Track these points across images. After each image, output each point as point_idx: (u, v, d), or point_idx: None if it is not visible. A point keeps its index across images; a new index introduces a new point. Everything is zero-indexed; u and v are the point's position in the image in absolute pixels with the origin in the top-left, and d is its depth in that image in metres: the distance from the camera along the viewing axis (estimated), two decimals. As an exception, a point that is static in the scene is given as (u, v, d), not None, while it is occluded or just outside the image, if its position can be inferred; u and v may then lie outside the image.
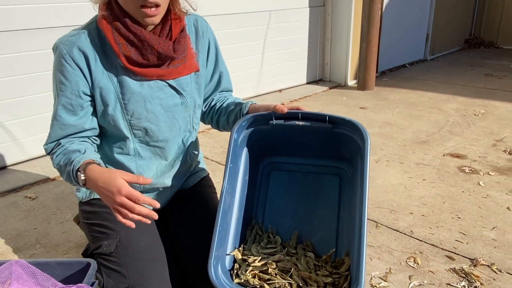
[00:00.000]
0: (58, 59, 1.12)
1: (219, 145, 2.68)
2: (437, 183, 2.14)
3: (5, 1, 2.13)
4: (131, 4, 1.06)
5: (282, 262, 1.22)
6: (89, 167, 1.05)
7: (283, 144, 1.42)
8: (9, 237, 1.73)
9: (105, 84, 1.14)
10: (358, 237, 1.09)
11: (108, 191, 1.00)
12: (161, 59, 1.15)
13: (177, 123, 1.27)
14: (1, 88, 2.22)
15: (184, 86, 1.24)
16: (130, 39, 1.11)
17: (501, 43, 6.37)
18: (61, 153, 1.13)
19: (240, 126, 1.27)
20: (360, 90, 4.02)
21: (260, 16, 3.57)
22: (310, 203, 1.43)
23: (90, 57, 1.12)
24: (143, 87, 1.17)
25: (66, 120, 1.15)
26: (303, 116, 1.28)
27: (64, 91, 1.13)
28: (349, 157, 1.39)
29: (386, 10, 4.44)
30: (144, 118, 1.20)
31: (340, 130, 1.30)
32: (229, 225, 1.28)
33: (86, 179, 1.05)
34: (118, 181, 0.99)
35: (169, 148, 1.28)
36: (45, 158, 2.46)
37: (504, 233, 1.71)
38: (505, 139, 2.70)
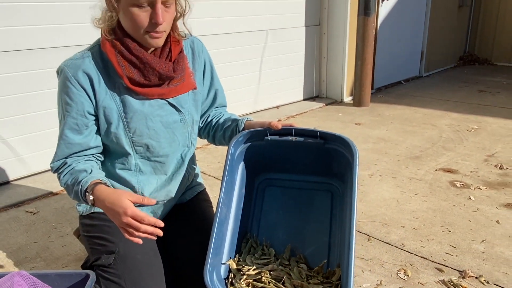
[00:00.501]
0: (63, 82, 1.18)
1: (216, 160, 2.74)
2: (429, 197, 2.19)
3: (10, 22, 2.22)
4: (137, 31, 1.13)
5: (275, 272, 1.27)
6: (97, 188, 1.10)
7: (278, 160, 1.48)
8: (10, 251, 1.77)
9: (108, 104, 1.20)
10: (348, 244, 1.14)
11: (115, 211, 1.06)
12: (162, 79, 1.22)
13: (176, 139, 1.33)
14: (5, 105, 2.29)
15: (182, 104, 1.31)
16: (133, 61, 1.17)
17: (495, 60, 6.48)
18: (68, 173, 1.19)
19: (237, 141, 1.34)
20: (355, 106, 4.10)
21: (258, 35, 3.67)
22: (303, 218, 1.49)
23: (94, 79, 1.18)
24: (145, 106, 1.24)
25: (72, 139, 1.21)
26: (296, 132, 1.35)
27: (70, 111, 1.19)
28: (340, 173, 1.45)
29: (380, 28, 4.55)
30: (145, 135, 1.26)
31: (331, 146, 1.37)
32: (225, 236, 1.33)
33: (95, 199, 1.11)
34: (124, 202, 1.05)
35: (169, 163, 1.34)
36: (47, 173, 2.52)
37: (493, 246, 1.75)
38: (497, 154, 2.76)
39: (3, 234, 1.90)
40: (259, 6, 3.60)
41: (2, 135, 2.32)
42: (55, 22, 2.39)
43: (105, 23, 1.18)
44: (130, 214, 1.04)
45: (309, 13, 4.07)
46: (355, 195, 1.21)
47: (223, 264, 1.30)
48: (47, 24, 2.36)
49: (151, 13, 1.10)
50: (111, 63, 1.18)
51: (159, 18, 1.09)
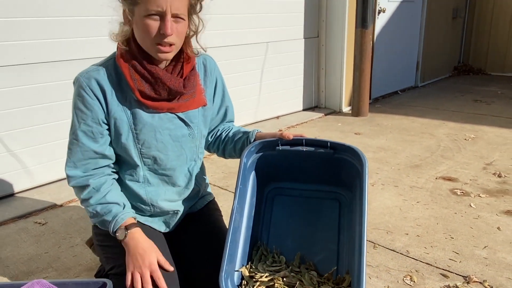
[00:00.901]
0: (79, 90, 1.22)
1: (220, 170, 2.78)
2: (430, 205, 2.24)
3: (18, 37, 2.27)
4: (148, 41, 1.18)
5: (288, 278, 1.31)
6: (133, 230, 1.22)
7: (287, 170, 1.52)
8: (21, 261, 1.79)
9: (120, 115, 1.25)
10: (359, 251, 1.18)
11: (141, 257, 1.18)
12: (172, 94, 1.26)
13: (184, 153, 1.37)
14: (13, 117, 2.33)
15: (192, 119, 1.35)
16: (145, 75, 1.22)
17: (489, 70, 6.60)
18: (99, 202, 1.24)
19: (249, 151, 1.38)
20: (354, 116, 4.16)
21: (258, 47, 3.74)
22: (312, 226, 1.53)
23: (107, 90, 1.22)
24: (154, 119, 1.28)
25: (88, 146, 1.24)
26: (307, 143, 1.40)
27: (85, 119, 1.23)
28: (348, 182, 1.49)
29: (377, 40, 4.64)
30: (154, 147, 1.30)
31: (341, 156, 1.42)
32: (238, 243, 1.37)
33: (128, 239, 1.21)
34: (153, 256, 1.20)
35: (176, 176, 1.38)
36: (53, 185, 2.54)
37: (495, 252, 1.80)
38: (495, 163, 2.83)
39: (13, 245, 1.92)
40: (260, 19, 3.67)
41: (10, 147, 2.35)
42: (63, 36, 2.44)
43: (120, 36, 1.23)
44: (151, 268, 1.17)
45: (307, 26, 4.16)
46: (365, 202, 1.25)
47: (236, 272, 1.33)
48: (54, 39, 2.41)
49: (160, 25, 1.15)
50: (124, 76, 1.23)
51: (167, 29, 1.14)
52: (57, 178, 2.59)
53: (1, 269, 1.74)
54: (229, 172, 2.75)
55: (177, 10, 1.15)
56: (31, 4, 2.28)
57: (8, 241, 1.96)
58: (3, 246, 1.91)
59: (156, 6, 1.12)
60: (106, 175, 1.29)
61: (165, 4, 1.12)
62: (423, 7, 5.36)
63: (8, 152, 2.35)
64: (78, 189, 1.28)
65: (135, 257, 1.19)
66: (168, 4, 1.12)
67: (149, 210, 1.38)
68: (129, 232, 1.21)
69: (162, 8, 1.12)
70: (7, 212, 2.22)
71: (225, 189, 2.50)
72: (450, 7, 6.05)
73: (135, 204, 1.36)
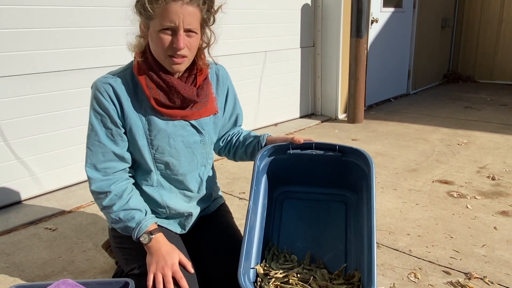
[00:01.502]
0: (95, 93, 1.28)
1: (224, 176, 2.84)
2: (429, 207, 2.33)
3: (29, 47, 2.32)
4: (161, 54, 1.24)
5: (301, 275, 1.38)
6: (157, 236, 1.29)
7: (295, 174, 1.60)
8: (36, 265, 1.83)
9: (135, 122, 1.31)
10: (368, 244, 1.25)
11: (164, 259, 1.25)
12: (185, 102, 1.33)
13: (195, 159, 1.43)
14: (21, 126, 2.37)
15: (204, 126, 1.42)
16: (160, 84, 1.29)
17: (478, 78, 6.78)
18: (122, 209, 1.29)
19: (262, 155, 1.46)
20: (350, 123, 4.26)
21: (257, 56, 3.84)
22: (320, 227, 1.60)
23: (123, 97, 1.28)
24: (168, 126, 1.34)
25: (109, 148, 1.29)
26: (316, 147, 1.48)
27: (105, 122, 1.28)
28: (354, 185, 1.57)
29: (370, 49, 4.77)
30: (167, 152, 1.36)
31: (348, 159, 1.50)
32: (253, 242, 1.44)
33: (152, 243, 1.28)
34: (176, 257, 1.27)
35: (188, 181, 1.44)
36: (60, 191, 2.58)
37: (493, 250, 1.88)
38: (488, 166, 2.93)
39: (26, 250, 1.96)
40: (258, 29, 3.78)
41: (18, 155, 2.39)
42: (72, 46, 2.50)
43: (137, 48, 1.30)
44: (173, 269, 1.24)
45: (304, 35, 4.27)
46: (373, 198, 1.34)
47: (252, 269, 1.40)
48: (65, 48, 2.47)
49: (172, 39, 1.22)
50: (140, 84, 1.29)
51: (179, 43, 1.21)
52: (65, 185, 2.63)
53: (17, 273, 1.78)
54: (232, 178, 2.82)
55: (190, 25, 1.21)
56: (41, 15, 2.34)
57: (21, 247, 1.99)
58: (16, 252, 1.95)
59: (169, 21, 1.18)
60: (125, 180, 1.35)
61: (178, 19, 1.19)
62: (413, 17, 5.52)
63: (17, 160, 2.39)
64: (98, 195, 1.31)
65: (157, 258, 1.25)
66: (180, 20, 1.19)
67: (165, 212, 1.44)
68: (153, 236, 1.27)
69: (175, 23, 1.19)
70: (17, 218, 2.26)
71: (230, 194, 2.56)
72: (439, 17, 6.24)
73: (151, 207, 1.41)
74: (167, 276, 1.23)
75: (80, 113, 2.60)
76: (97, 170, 1.30)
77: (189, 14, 1.20)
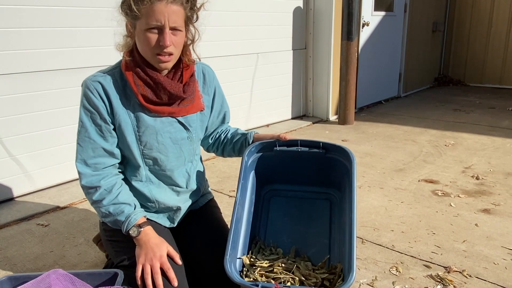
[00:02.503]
0: (85, 91, 1.32)
1: (215, 175, 2.89)
2: (413, 204, 2.39)
3: (22, 46, 2.37)
4: (148, 52, 1.29)
5: (285, 265, 1.43)
6: (146, 229, 1.33)
7: (282, 172, 1.66)
8: (28, 260, 1.87)
9: (124, 118, 1.35)
10: (349, 235, 1.31)
11: (152, 250, 1.29)
12: (172, 99, 1.38)
13: (182, 154, 1.48)
14: (14, 123, 2.41)
15: (191, 123, 1.47)
16: (147, 81, 1.33)
17: (468, 81, 6.88)
18: (112, 203, 1.33)
19: (250, 151, 1.52)
20: (340, 124, 4.33)
21: (249, 58, 3.90)
22: (305, 223, 1.67)
23: (112, 95, 1.32)
24: (156, 122, 1.39)
25: (98, 143, 1.33)
26: (301, 144, 1.54)
27: (94, 119, 1.32)
28: (338, 182, 1.63)
29: (362, 52, 4.85)
30: (155, 148, 1.40)
31: (331, 155, 1.57)
32: (240, 234, 1.49)
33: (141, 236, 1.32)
34: (164, 249, 1.31)
35: (175, 176, 1.49)
36: (53, 189, 2.62)
37: (473, 245, 1.95)
38: (473, 167, 3.01)
39: (18, 245, 2.00)
40: (251, 31, 3.84)
41: (11, 152, 2.42)
42: (66, 46, 2.54)
43: (124, 47, 1.34)
44: (162, 260, 1.28)
45: (296, 38, 4.34)
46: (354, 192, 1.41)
47: (238, 259, 1.45)
48: (58, 48, 2.51)
49: (158, 37, 1.26)
50: (128, 82, 1.34)
51: (166, 41, 1.26)
52: (57, 182, 2.67)
53: (9, 266, 1.82)
54: (223, 177, 2.87)
55: (175, 23, 1.26)
56: (35, 15, 2.39)
57: (13, 242, 2.03)
58: (8, 246, 1.99)
59: (155, 20, 1.23)
60: (115, 175, 1.39)
61: (163, 18, 1.23)
62: (404, 20, 5.61)
63: (9, 157, 2.42)
64: (88, 189, 1.35)
65: (146, 250, 1.30)
66: (166, 19, 1.24)
67: (154, 207, 1.49)
68: (142, 229, 1.32)
69: (161, 22, 1.24)
70: (9, 215, 2.29)
71: (220, 192, 2.61)
72: (430, 20, 6.34)
73: (141, 202, 1.46)
74: (155, 267, 1.27)
75: (72, 111, 2.64)
76: (87, 166, 1.34)
77: (173, 12, 1.25)
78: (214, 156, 3.28)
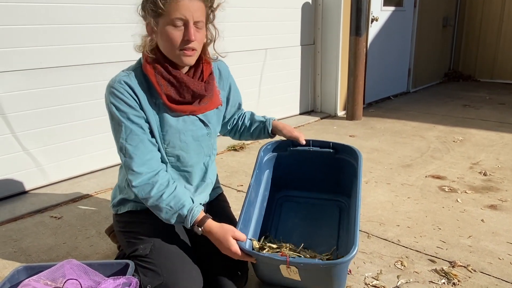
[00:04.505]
0: (117, 95, 1.32)
1: (223, 170, 2.93)
2: (420, 200, 2.41)
3: (37, 43, 2.42)
4: (173, 48, 1.31)
5: (292, 249, 1.52)
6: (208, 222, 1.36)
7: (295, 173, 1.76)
8: (42, 251, 1.93)
9: (151, 117, 1.37)
10: (354, 216, 1.39)
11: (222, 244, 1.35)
12: (195, 97, 1.41)
13: (202, 150, 1.52)
14: (28, 119, 2.47)
15: (209, 119, 1.51)
16: (170, 81, 1.36)
17: (478, 76, 6.83)
18: (172, 195, 1.34)
19: (266, 148, 1.66)
20: (349, 120, 4.34)
21: (257, 54, 3.92)
22: (315, 226, 1.77)
23: (140, 95, 1.35)
24: (179, 121, 1.42)
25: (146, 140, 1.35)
26: (313, 144, 1.67)
27: (132, 119, 1.33)
28: (348, 188, 1.71)
29: (370, 47, 4.84)
30: (177, 146, 1.44)
31: (341, 156, 1.68)
32: (251, 218, 1.57)
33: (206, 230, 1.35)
34: (230, 241, 1.34)
35: (194, 171, 1.53)
36: (65, 182, 2.68)
37: (478, 241, 1.96)
38: (481, 163, 3.01)
39: (32, 237, 2.06)
40: (259, 27, 3.86)
41: (26, 146, 2.49)
42: (79, 42, 2.59)
43: (145, 47, 1.36)
44: (234, 250, 1.33)
45: (304, 33, 4.35)
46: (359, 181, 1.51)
47: (248, 240, 1.50)
48: (72, 44, 2.56)
49: (184, 32, 1.29)
50: (152, 82, 1.36)
51: (191, 35, 1.29)
52: (69, 176, 2.73)
53: (24, 257, 1.88)
54: (231, 172, 2.91)
55: (198, 18, 1.30)
56: (48, 12, 2.44)
57: (27, 233, 2.09)
58: (23, 238, 2.05)
59: (180, 14, 1.26)
60: (165, 169, 1.41)
61: (188, 12, 1.27)
62: (414, 16, 5.58)
63: (23, 151, 2.49)
64: (144, 188, 1.34)
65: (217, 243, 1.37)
66: (191, 13, 1.27)
67: None
68: (203, 228, 1.35)
69: (185, 16, 1.27)
70: (23, 207, 2.36)
71: (228, 187, 2.65)
72: (440, 15, 6.29)
73: None
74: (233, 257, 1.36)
75: (85, 107, 2.70)
76: (144, 165, 1.34)
77: (197, 8, 1.28)
78: (223, 151, 3.33)
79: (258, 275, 1.54)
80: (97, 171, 2.86)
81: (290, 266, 1.28)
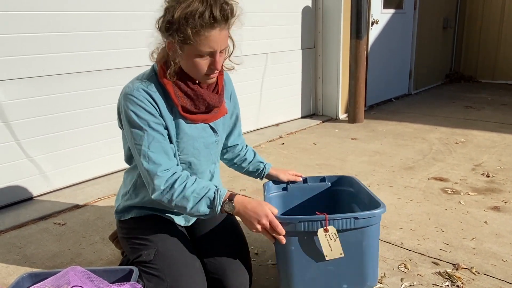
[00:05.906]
0: (137, 103, 1.32)
1: (226, 174, 2.94)
2: (423, 202, 2.41)
3: (41, 50, 2.44)
4: (197, 74, 1.33)
5: None
6: (237, 197, 1.35)
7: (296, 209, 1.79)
8: (46, 257, 1.94)
9: (169, 124, 1.39)
10: None
11: (256, 215, 1.31)
12: (209, 108, 1.44)
13: (211, 157, 1.55)
14: (32, 126, 2.49)
15: (218, 127, 1.53)
16: (188, 93, 1.38)
17: (480, 78, 6.83)
18: (196, 183, 1.35)
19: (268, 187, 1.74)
20: (350, 123, 4.34)
21: (259, 58, 3.94)
22: None
23: (159, 102, 1.36)
24: (192, 129, 1.44)
25: (167, 146, 1.36)
26: (309, 180, 1.76)
27: (153, 126, 1.34)
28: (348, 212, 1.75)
29: (371, 50, 4.85)
30: (190, 153, 1.46)
31: (336, 188, 1.74)
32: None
33: (237, 209, 1.34)
34: (266, 208, 1.32)
35: (202, 178, 1.55)
36: (68, 189, 2.69)
37: (482, 243, 1.96)
38: (483, 164, 3.00)
39: (37, 244, 2.07)
40: (260, 31, 3.87)
41: (29, 154, 2.50)
42: (80, 50, 2.61)
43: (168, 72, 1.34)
44: (269, 218, 1.31)
45: (305, 37, 4.36)
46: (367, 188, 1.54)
47: None
48: (73, 52, 2.58)
49: (210, 61, 1.30)
50: (169, 92, 1.37)
51: (218, 66, 1.32)
52: (73, 182, 2.74)
53: (28, 264, 1.89)
54: (233, 176, 2.92)
55: (224, 46, 1.33)
56: (50, 20, 2.46)
57: (31, 240, 2.10)
58: (27, 245, 2.06)
59: (208, 48, 1.27)
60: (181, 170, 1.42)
61: (217, 45, 1.28)
62: (414, 18, 5.59)
63: (27, 159, 2.50)
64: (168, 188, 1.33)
65: (250, 217, 1.32)
66: (218, 45, 1.29)
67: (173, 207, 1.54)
68: (234, 202, 1.33)
69: (214, 49, 1.28)
70: (28, 214, 2.37)
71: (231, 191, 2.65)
72: (440, 17, 6.30)
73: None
74: (266, 227, 1.32)
75: (88, 113, 2.71)
76: (167, 170, 1.34)
77: (225, 37, 1.31)
78: (225, 155, 3.33)
79: None
80: (100, 177, 2.87)
81: (328, 229, 1.29)
